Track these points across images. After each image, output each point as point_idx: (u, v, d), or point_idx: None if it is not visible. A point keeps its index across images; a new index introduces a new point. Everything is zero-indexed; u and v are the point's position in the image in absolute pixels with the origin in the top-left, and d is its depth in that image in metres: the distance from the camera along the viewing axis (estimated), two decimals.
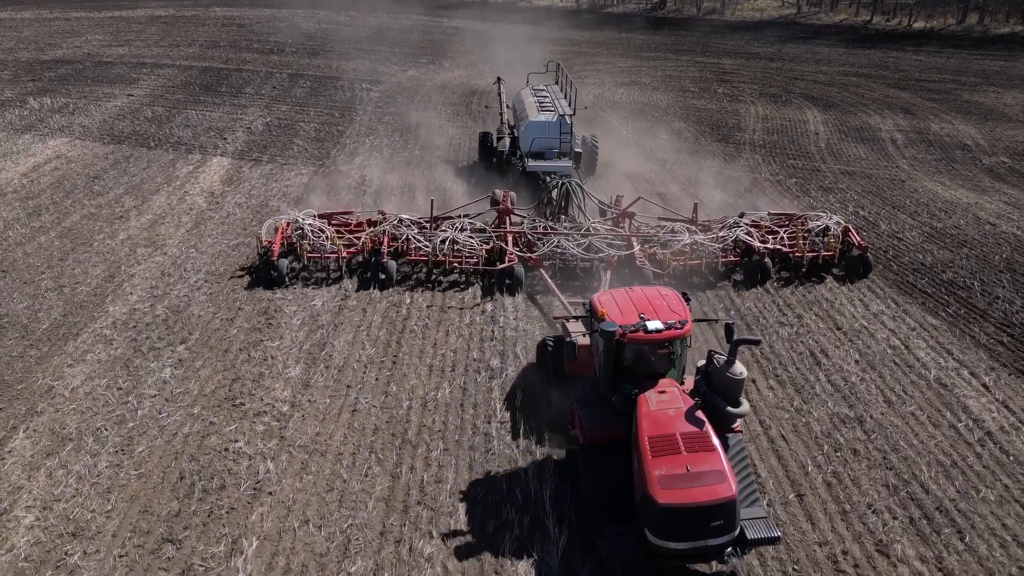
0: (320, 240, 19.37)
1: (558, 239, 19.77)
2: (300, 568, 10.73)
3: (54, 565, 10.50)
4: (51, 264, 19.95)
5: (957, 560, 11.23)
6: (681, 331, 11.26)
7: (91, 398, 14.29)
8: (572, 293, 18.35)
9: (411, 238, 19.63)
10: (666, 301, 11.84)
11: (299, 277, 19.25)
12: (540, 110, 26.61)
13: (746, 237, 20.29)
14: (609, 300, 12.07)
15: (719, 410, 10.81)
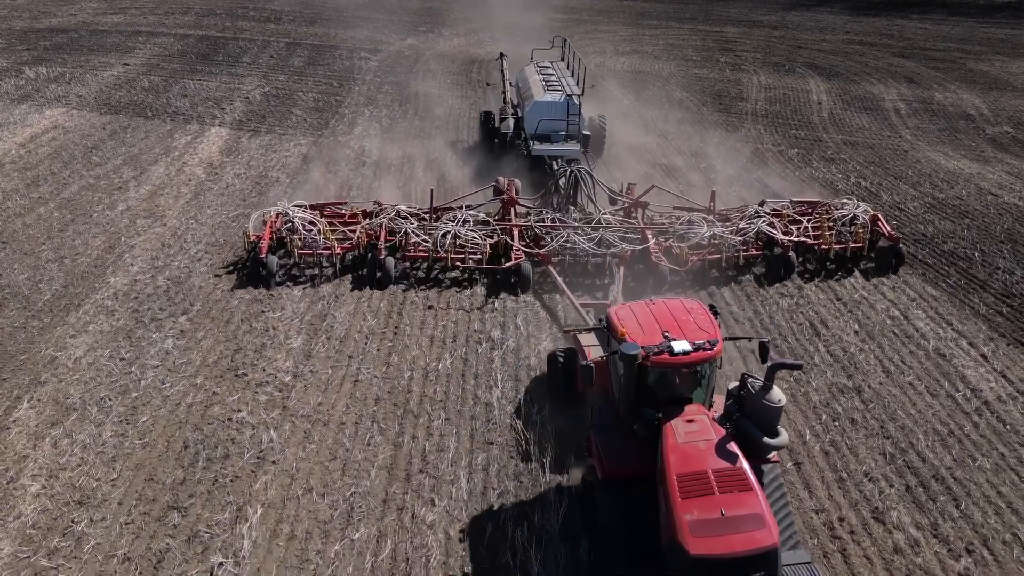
0: (312, 234, 17.93)
1: (567, 233, 18.40)
2: (304, 535, 10.88)
3: (61, 532, 10.65)
4: (51, 235, 19.92)
5: (952, 527, 11.38)
6: (711, 353, 9.98)
7: (94, 368, 14.37)
8: (582, 293, 17.33)
9: (410, 232, 18.15)
10: (692, 316, 10.58)
11: (290, 275, 17.95)
12: (546, 89, 24.90)
13: (768, 229, 18.85)
14: (628, 316, 10.74)
15: (754, 440, 9.63)
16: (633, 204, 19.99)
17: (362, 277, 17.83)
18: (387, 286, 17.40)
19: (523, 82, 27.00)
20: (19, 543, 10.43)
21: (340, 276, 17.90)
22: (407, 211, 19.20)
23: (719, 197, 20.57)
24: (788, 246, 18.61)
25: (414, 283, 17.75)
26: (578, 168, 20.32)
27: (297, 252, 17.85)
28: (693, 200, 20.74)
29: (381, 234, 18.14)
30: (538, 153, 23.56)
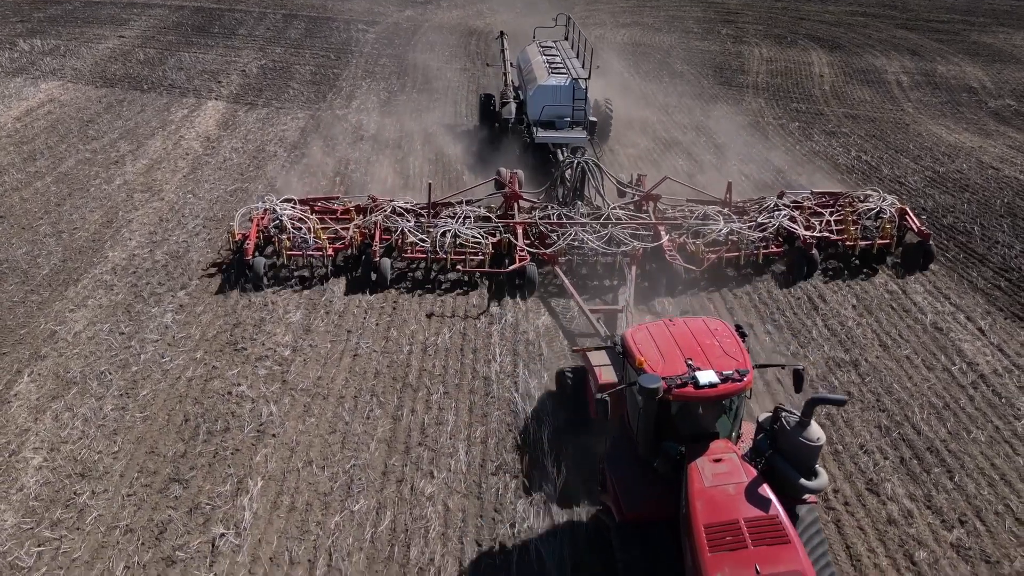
0: (301, 233, 16.74)
1: (575, 231, 17.14)
2: (304, 506, 11.00)
3: (64, 504, 10.76)
4: (48, 210, 19.86)
5: (945, 498, 11.50)
6: (740, 384, 8.93)
7: (94, 343, 14.42)
8: (589, 296, 16.35)
9: (407, 232, 16.92)
10: (717, 340, 9.50)
11: (278, 277, 16.72)
12: (550, 72, 23.25)
13: (790, 224, 17.60)
14: (646, 339, 9.63)
15: (789, 481, 8.70)
16: (644, 197, 18.68)
17: (356, 279, 16.69)
18: (383, 289, 16.27)
19: (525, 63, 25.43)
20: (22, 514, 10.54)
21: (332, 278, 16.72)
22: (403, 207, 18.03)
23: (722, 177, 20.48)
24: (811, 243, 17.32)
25: (412, 286, 16.73)
26: (585, 159, 18.90)
27: (285, 253, 16.65)
28: (707, 191, 19.50)
29: (376, 233, 16.99)
30: (542, 141, 22.20)
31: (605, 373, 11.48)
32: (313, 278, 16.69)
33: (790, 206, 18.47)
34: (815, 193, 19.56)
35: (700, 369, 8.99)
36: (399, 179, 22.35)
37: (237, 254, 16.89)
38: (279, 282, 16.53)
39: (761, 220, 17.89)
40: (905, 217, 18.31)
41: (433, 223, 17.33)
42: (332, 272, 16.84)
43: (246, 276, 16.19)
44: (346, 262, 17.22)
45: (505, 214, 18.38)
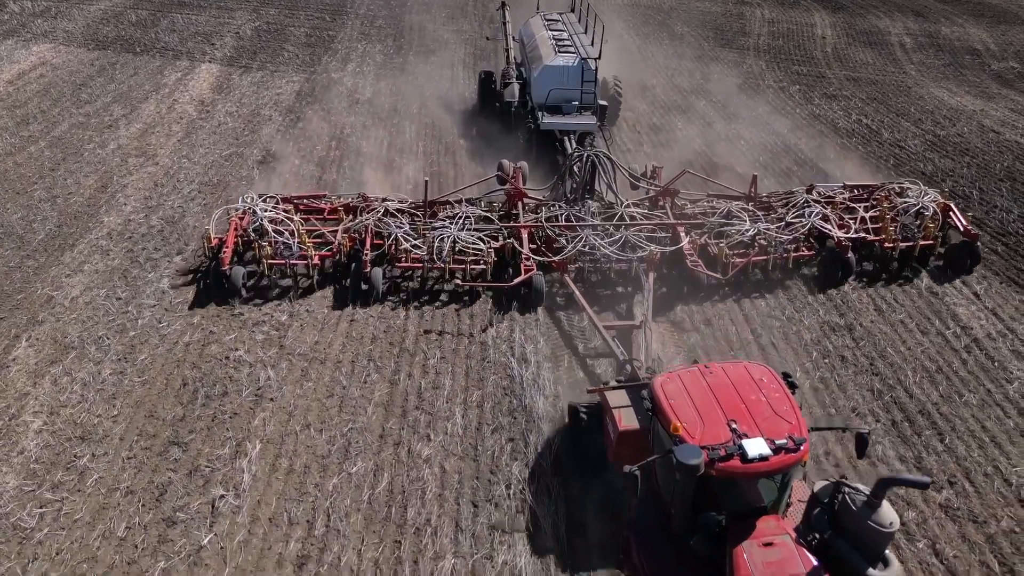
0: (285, 237, 15.02)
1: (586, 234, 15.52)
2: (303, 468, 11.14)
3: (64, 467, 10.89)
4: (43, 174, 19.74)
5: (936, 460, 11.65)
6: (796, 456, 7.66)
7: (91, 308, 14.45)
8: (600, 308, 14.90)
9: (400, 238, 15.15)
10: (763, 393, 8.18)
11: (258, 287, 15.07)
12: (557, 51, 21.09)
13: (823, 225, 15.99)
14: (679, 393, 8.30)
15: (853, 569, 7.42)
16: (661, 193, 17.01)
17: (344, 289, 15.10)
18: (374, 302, 14.72)
19: (529, 39, 23.20)
20: (23, 477, 10.68)
21: (319, 288, 15.08)
22: (397, 207, 16.24)
23: (722, 143, 20.27)
24: (847, 246, 15.76)
25: (407, 297, 15.06)
26: (595, 152, 16.99)
27: (266, 262, 14.80)
28: (728, 185, 17.93)
29: (367, 239, 15.31)
30: (548, 127, 20.19)
31: (625, 416, 9.95)
32: (298, 288, 15.05)
33: (821, 202, 16.77)
34: (848, 186, 17.84)
35: (747, 436, 7.68)
36: (393, 150, 22.17)
37: (213, 262, 15.21)
38: (259, 293, 14.91)
39: (790, 219, 16.16)
40: (949, 214, 16.47)
41: (430, 224, 15.70)
42: (318, 282, 15.12)
43: (223, 287, 14.55)
44: (335, 268, 15.46)
45: (508, 213, 16.68)
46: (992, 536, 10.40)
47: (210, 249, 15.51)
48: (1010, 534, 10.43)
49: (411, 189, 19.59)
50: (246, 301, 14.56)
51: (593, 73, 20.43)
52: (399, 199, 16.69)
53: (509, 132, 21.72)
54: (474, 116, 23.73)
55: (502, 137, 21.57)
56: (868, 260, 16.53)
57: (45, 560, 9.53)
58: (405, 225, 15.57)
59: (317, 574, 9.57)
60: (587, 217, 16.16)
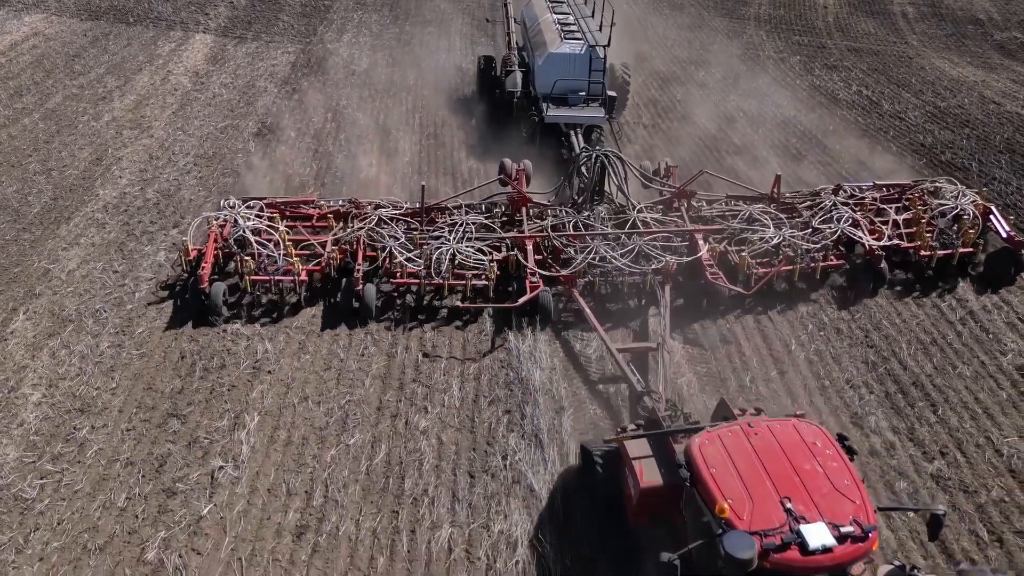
0: (269, 250, 13.73)
1: (595, 246, 14.24)
2: (301, 440, 11.23)
3: (64, 439, 10.98)
4: (37, 147, 19.61)
5: (928, 431, 11.76)
6: (864, 546, 6.66)
7: (88, 281, 14.46)
8: (611, 325, 13.81)
9: (395, 251, 13.94)
10: (818, 461, 7.07)
11: (240, 304, 13.78)
12: (563, 37, 19.56)
13: (853, 232, 14.74)
14: (721, 460, 7.22)
15: None
16: (676, 195, 15.76)
17: (334, 306, 13.88)
18: (367, 322, 13.51)
19: (531, 21, 21.65)
20: (23, 449, 10.77)
21: (307, 306, 13.87)
22: (392, 214, 14.92)
23: (721, 116, 20.07)
24: (880, 255, 14.50)
25: (402, 314, 13.82)
26: (605, 151, 15.53)
27: (249, 279, 13.59)
28: (748, 185, 16.79)
29: (359, 253, 14.01)
30: (553, 120, 18.75)
31: (647, 470, 8.69)
32: (284, 304, 13.85)
33: (850, 205, 15.47)
34: (877, 185, 16.66)
35: (804, 519, 6.57)
36: (389, 122, 22.01)
37: (191, 276, 14.05)
38: (242, 311, 13.69)
39: (817, 224, 14.92)
40: (990, 218, 15.16)
41: (427, 232, 14.55)
42: (306, 299, 13.90)
43: (202, 305, 13.29)
44: (324, 283, 14.22)
45: (511, 219, 15.40)
46: (982, 506, 10.53)
47: (188, 263, 14.10)
48: (1000, 504, 10.56)
49: (407, 162, 19.56)
50: (228, 319, 13.40)
51: (602, 62, 19.01)
52: (392, 204, 15.30)
53: (511, 123, 20.29)
54: (472, 103, 22.55)
55: (503, 128, 20.29)
56: (901, 267, 15.22)
57: (47, 530, 9.65)
58: (400, 236, 14.29)
59: (316, 543, 9.70)
60: (597, 224, 14.86)
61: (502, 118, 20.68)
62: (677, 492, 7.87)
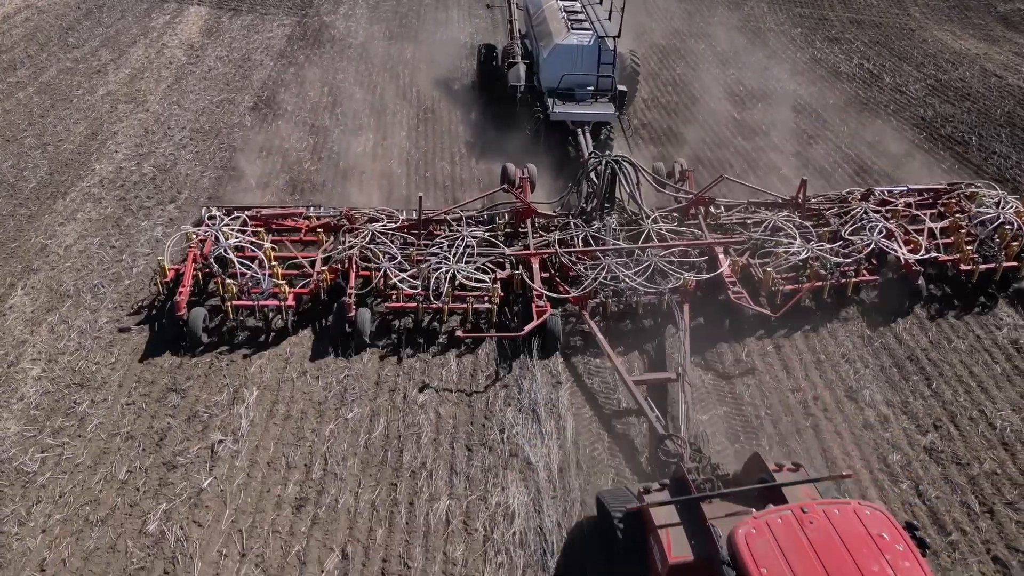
0: (253, 270, 12.48)
1: (607, 263, 13.05)
2: (300, 414, 11.31)
3: (64, 413, 11.06)
4: (32, 121, 19.50)
5: (922, 404, 11.85)
6: None
7: (85, 256, 14.45)
8: (624, 348, 12.73)
9: (390, 273, 12.72)
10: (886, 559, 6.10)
11: (223, 331, 12.53)
12: (570, 27, 18.25)
13: (888, 244, 13.51)
14: (771, 555, 6.24)
15: None
16: (694, 203, 14.65)
17: (324, 330, 12.70)
18: (361, 350, 12.35)
19: (535, 8, 20.30)
20: (24, 423, 10.85)
21: (294, 332, 12.64)
22: (387, 227, 13.76)
23: (720, 86, 19.90)
24: (919, 271, 13.30)
25: (399, 339, 12.63)
26: (615, 158, 14.26)
27: (231, 304, 12.28)
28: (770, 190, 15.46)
29: (351, 274, 12.77)
30: (559, 118, 17.46)
31: (676, 542, 7.64)
32: (270, 331, 12.64)
33: (882, 213, 14.32)
34: (912, 189, 15.53)
35: None
36: (387, 96, 21.84)
37: (168, 300, 12.88)
38: (223, 338, 12.47)
39: (848, 235, 13.77)
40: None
41: (425, 248, 13.38)
42: (294, 325, 12.72)
43: (180, 332, 12.21)
44: (313, 304, 13.11)
45: (515, 232, 14.39)
46: (974, 478, 10.64)
47: (164, 284, 13.05)
48: (991, 476, 10.67)
49: (403, 136, 19.45)
50: (209, 348, 12.28)
51: (612, 54, 17.56)
52: (387, 215, 14.22)
53: (514, 118, 19.05)
54: (471, 95, 21.46)
55: (506, 123, 19.17)
56: (937, 282, 14.09)
57: (48, 503, 9.76)
58: (396, 253, 13.11)
59: (315, 515, 9.81)
60: (608, 238, 13.73)
61: (504, 113, 19.45)
62: (710, 569, 6.98)
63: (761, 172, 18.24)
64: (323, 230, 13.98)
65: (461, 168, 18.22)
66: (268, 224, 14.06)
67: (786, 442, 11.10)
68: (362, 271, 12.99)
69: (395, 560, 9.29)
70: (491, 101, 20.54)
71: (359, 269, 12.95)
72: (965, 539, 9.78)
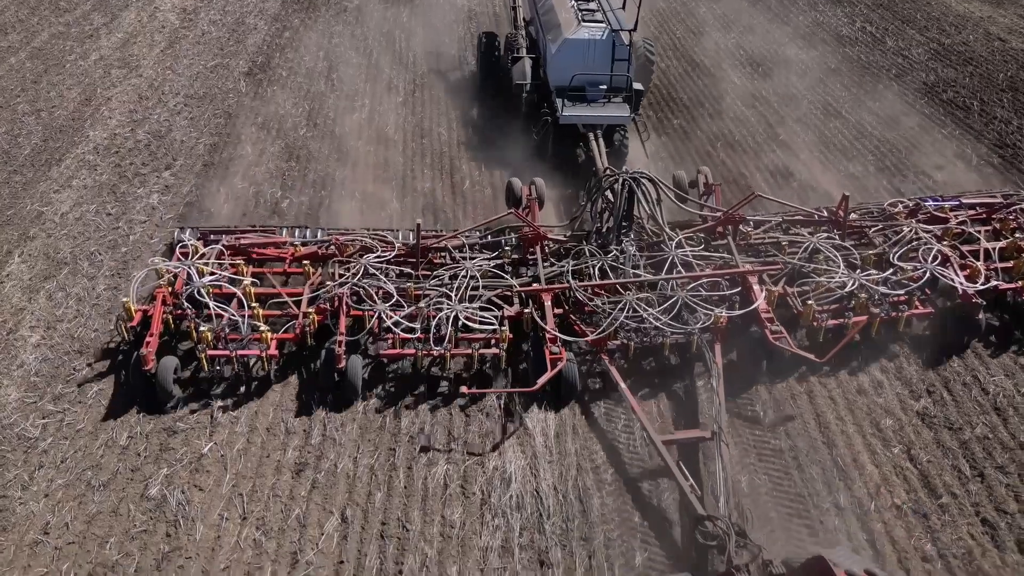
0: (231, 312, 10.97)
1: (628, 301, 11.39)
2: (299, 384, 11.35)
3: (64, 379, 11.12)
4: (25, 87, 19.28)
5: (915, 370, 11.90)
6: None
7: (81, 223, 14.42)
8: (647, 393, 11.34)
9: (384, 316, 11.06)
10: None
11: (196, 383, 11.00)
12: (580, 20, 16.46)
13: (944, 273, 11.96)
14: None
15: None
16: (722, 222, 13.03)
17: (312, 376, 11.24)
18: (352, 401, 10.92)
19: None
20: (24, 389, 10.93)
21: (277, 381, 11.16)
22: (380, 260, 12.16)
23: (720, 53, 19.53)
24: (980, 303, 11.78)
25: (394, 388, 11.25)
26: (634, 175, 12.60)
27: (205, 355, 10.70)
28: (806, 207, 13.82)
29: (341, 316, 11.15)
30: (569, 121, 15.87)
31: None
32: (252, 380, 11.12)
33: (934, 232, 12.74)
34: (967, 203, 13.93)
35: None
36: (383, 61, 21.56)
37: (135, 352, 10.70)
38: (198, 391, 10.95)
39: (897, 259, 12.18)
40: None
41: (423, 282, 11.83)
42: (276, 374, 11.20)
43: (148, 386, 10.55)
44: (299, 348, 11.54)
45: (523, 258, 12.81)
46: (966, 442, 10.75)
47: (130, 330, 11.21)
48: (983, 440, 10.78)
49: (400, 103, 19.27)
50: (181, 402, 10.75)
51: (626, 50, 15.97)
52: (381, 240, 12.63)
53: (519, 116, 17.43)
54: (479, 119, 18.83)
55: (510, 124, 17.58)
56: (994, 310, 12.53)
57: (51, 468, 9.87)
58: (391, 289, 11.56)
59: (315, 480, 9.93)
60: (627, 266, 12.17)
61: (508, 110, 17.81)
62: None
63: (760, 139, 18.14)
64: (310, 258, 12.44)
65: (457, 135, 18.10)
66: (248, 253, 12.49)
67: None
68: (353, 310, 11.33)
69: (394, 523, 9.44)
70: (494, 93, 18.94)
71: (350, 309, 11.31)
72: (955, 502, 9.93)
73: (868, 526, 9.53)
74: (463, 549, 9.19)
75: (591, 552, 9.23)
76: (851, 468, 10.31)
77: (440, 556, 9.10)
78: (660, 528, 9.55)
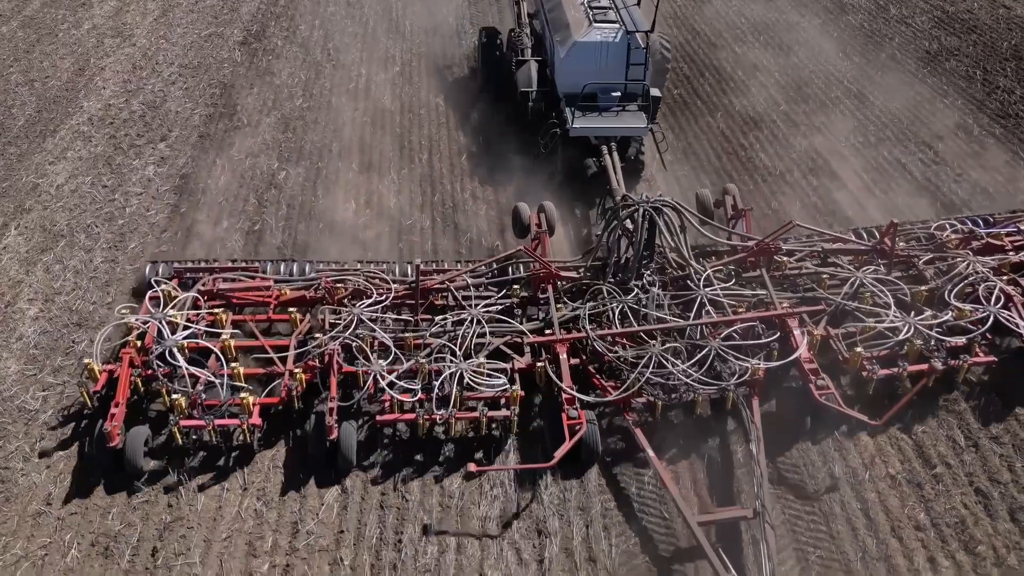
0: (208, 373, 9.68)
1: (653, 353, 10.06)
2: None
3: (63, 352, 11.14)
4: (17, 57, 19.05)
5: None
6: None
7: (77, 195, 14.34)
8: (675, 452, 10.06)
9: (380, 378, 9.73)
10: None
11: (166, 455, 9.60)
12: (591, 20, 14.73)
13: (1009, 318, 10.62)
14: None
15: None
16: (756, 252, 11.73)
17: (300, 442, 9.92)
18: (343, 474, 9.57)
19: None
20: (24, 362, 10.95)
21: (260, 450, 9.80)
22: (375, 308, 10.71)
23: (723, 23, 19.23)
24: None
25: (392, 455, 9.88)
26: (655, 204, 11.09)
27: (179, 426, 9.35)
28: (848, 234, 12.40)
29: (332, 376, 9.78)
30: (580, 134, 14.16)
31: None
32: (233, 449, 9.75)
33: (994, 266, 11.43)
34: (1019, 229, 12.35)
35: None
36: (380, 30, 21.26)
37: (100, 419, 9.42)
38: (172, 461, 9.56)
39: (954, 299, 10.87)
40: None
41: (425, 339, 10.39)
42: (259, 443, 9.81)
43: (114, 462, 9.26)
44: (285, 410, 10.11)
45: (533, 298, 11.37)
46: (960, 413, 10.80)
47: (94, 396, 9.76)
48: (976, 410, 10.84)
49: (397, 72, 19.05)
50: (153, 478, 9.42)
51: (643, 53, 14.33)
52: (377, 280, 11.17)
53: (523, 126, 15.94)
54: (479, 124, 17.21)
55: (514, 131, 16.19)
56: None
57: (52, 440, 9.93)
58: (388, 342, 10.14)
59: None
60: (651, 309, 10.82)
61: (512, 114, 16.41)
62: None
63: (761, 108, 17.98)
64: (296, 304, 11.02)
65: (452, 103, 17.93)
66: (228, 297, 11.10)
67: None
68: (346, 367, 10.00)
69: (392, 494, 9.52)
70: (496, 96, 17.41)
71: (341, 367, 9.97)
72: (949, 472, 10.00)
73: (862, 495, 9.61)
74: (462, 519, 9.27)
75: None
76: None
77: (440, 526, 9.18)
78: None
